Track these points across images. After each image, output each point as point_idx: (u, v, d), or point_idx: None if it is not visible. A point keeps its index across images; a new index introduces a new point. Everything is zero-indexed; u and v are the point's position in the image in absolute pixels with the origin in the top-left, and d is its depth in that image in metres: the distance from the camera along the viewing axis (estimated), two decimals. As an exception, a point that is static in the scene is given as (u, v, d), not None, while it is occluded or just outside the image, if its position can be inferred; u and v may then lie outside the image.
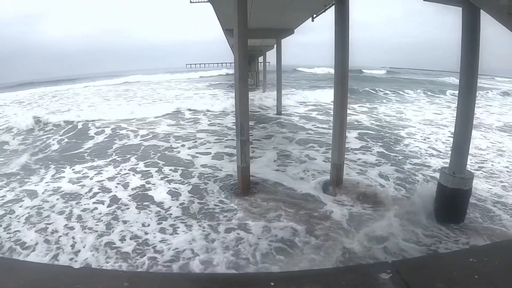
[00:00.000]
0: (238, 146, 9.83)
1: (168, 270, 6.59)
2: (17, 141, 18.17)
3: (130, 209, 9.27)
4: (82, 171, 12.62)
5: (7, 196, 10.31)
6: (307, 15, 16.06)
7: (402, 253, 6.76)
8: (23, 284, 3.91)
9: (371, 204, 8.99)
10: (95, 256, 7.12)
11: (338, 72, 9.80)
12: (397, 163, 12.67)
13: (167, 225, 8.36)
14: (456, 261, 4.24)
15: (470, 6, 6.57)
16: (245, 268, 6.43)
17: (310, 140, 16.56)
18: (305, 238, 7.41)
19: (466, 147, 7.52)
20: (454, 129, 7.79)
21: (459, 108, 7.54)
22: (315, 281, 3.82)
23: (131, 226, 8.34)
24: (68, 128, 20.68)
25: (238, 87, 9.53)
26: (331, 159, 10.38)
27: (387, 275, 3.66)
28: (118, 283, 3.94)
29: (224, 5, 12.41)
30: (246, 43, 9.58)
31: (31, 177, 12.07)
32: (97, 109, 29.26)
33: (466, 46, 7.06)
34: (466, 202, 7.66)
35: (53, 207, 9.49)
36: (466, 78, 7.22)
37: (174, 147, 15.81)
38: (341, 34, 9.49)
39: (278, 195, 9.77)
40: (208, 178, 11.46)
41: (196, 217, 8.74)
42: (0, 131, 20.69)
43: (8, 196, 10.27)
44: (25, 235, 7.95)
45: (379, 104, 29.96)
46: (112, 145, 16.65)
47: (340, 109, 9.98)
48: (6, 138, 18.72)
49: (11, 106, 36.50)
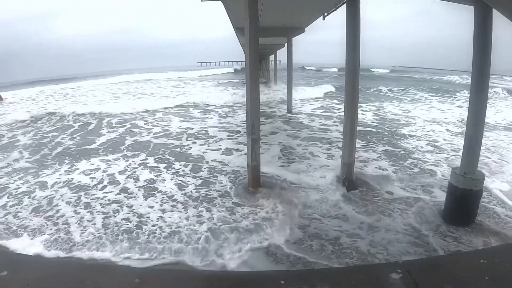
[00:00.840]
0: (248, 144, 9.83)
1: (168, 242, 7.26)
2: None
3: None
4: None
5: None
6: (318, 14, 15.96)
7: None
8: (34, 279, 4.01)
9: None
10: (99, 231, 7.94)
11: (349, 72, 9.75)
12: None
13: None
14: (466, 262, 4.25)
15: (482, 4, 6.51)
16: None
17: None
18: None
19: (478, 147, 7.45)
20: (465, 129, 7.70)
21: (471, 108, 7.44)
22: (325, 280, 3.87)
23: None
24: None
25: (249, 86, 9.53)
26: (342, 158, 10.39)
27: (397, 275, 3.70)
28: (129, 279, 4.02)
29: (235, 4, 12.39)
30: (257, 42, 9.54)
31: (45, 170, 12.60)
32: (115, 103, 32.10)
33: (478, 45, 6.95)
34: (476, 203, 7.58)
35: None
36: (477, 77, 7.12)
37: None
38: (352, 33, 9.43)
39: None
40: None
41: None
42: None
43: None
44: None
45: (379, 102, 29.90)
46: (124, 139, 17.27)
47: (351, 108, 9.95)
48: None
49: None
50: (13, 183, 11.22)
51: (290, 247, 7.03)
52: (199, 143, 16.03)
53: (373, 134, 17.19)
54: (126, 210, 9.05)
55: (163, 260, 6.78)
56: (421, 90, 40.50)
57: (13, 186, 10.95)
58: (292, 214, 8.41)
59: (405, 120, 21.29)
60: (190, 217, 8.57)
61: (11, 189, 10.67)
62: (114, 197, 9.95)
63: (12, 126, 21.85)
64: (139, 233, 7.82)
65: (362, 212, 8.50)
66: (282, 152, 14.33)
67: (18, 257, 5.25)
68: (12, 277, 4.01)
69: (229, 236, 7.55)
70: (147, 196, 9.97)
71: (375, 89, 39.89)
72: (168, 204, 9.38)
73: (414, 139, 16.17)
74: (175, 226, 8.13)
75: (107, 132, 19.23)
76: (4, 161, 13.97)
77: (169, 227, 8.10)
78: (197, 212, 8.82)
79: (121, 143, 16.51)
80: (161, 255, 6.94)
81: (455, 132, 17.44)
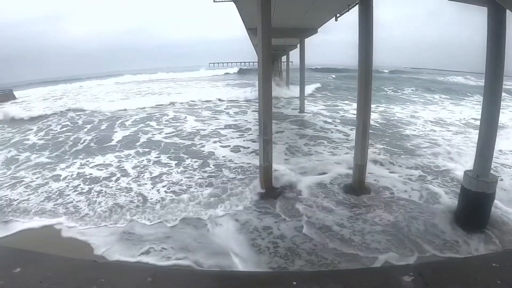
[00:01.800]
0: (260, 145, 9.83)
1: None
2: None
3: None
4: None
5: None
6: (330, 15, 15.95)
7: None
8: (50, 276, 4.11)
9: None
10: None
11: (361, 72, 9.63)
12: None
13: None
14: (478, 266, 4.25)
15: (496, 6, 6.45)
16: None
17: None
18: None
19: (491, 150, 7.35)
20: (478, 131, 7.59)
21: (484, 110, 7.34)
22: (338, 281, 3.91)
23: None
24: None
25: (261, 87, 9.57)
26: (354, 159, 10.24)
27: (409, 278, 3.72)
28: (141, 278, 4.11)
29: (247, 5, 12.43)
30: (270, 43, 9.55)
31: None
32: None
33: (491, 47, 6.85)
34: (489, 206, 7.47)
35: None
36: (491, 79, 7.02)
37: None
38: (364, 34, 9.35)
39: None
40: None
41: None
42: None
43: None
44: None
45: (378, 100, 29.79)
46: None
47: (364, 109, 9.83)
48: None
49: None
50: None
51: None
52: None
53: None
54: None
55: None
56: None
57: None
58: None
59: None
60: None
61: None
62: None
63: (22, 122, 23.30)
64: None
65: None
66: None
67: (31, 255, 5.34)
68: (25, 274, 4.11)
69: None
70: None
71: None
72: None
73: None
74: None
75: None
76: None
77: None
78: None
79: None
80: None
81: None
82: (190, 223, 8.36)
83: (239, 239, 7.56)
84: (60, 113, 26.96)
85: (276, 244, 7.23)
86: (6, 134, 20.51)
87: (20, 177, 12.02)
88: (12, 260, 4.57)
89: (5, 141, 18.50)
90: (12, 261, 4.48)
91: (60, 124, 22.62)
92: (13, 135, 20.03)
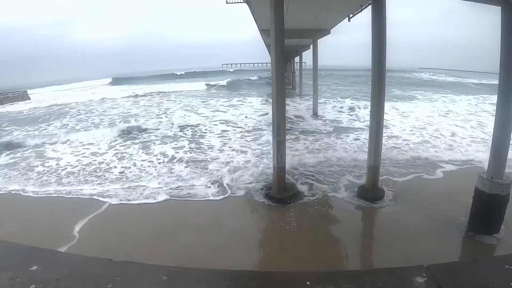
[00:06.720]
0: (274, 146, 9.85)
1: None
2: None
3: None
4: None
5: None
6: (343, 15, 15.92)
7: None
8: (65, 275, 4.21)
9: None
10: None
11: (375, 73, 9.60)
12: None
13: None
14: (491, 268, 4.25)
15: (510, 5, 6.41)
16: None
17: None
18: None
19: (505, 151, 7.31)
20: (492, 132, 7.52)
21: (498, 111, 7.30)
22: (352, 282, 3.96)
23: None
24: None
25: (275, 88, 9.62)
26: (367, 160, 10.20)
27: (422, 279, 3.76)
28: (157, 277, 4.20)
29: (260, 6, 12.49)
30: (283, 44, 9.57)
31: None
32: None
33: (506, 47, 6.79)
34: (503, 208, 7.39)
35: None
36: (505, 79, 6.97)
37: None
38: (377, 34, 9.33)
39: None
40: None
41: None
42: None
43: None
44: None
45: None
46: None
47: (377, 110, 9.80)
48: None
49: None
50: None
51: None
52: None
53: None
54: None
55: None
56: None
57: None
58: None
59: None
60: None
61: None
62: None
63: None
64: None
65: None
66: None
67: (48, 253, 5.40)
68: (42, 272, 4.20)
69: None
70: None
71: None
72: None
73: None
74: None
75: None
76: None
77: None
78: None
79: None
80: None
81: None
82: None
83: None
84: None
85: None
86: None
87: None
88: (27, 257, 4.66)
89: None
90: (28, 258, 4.56)
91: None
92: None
